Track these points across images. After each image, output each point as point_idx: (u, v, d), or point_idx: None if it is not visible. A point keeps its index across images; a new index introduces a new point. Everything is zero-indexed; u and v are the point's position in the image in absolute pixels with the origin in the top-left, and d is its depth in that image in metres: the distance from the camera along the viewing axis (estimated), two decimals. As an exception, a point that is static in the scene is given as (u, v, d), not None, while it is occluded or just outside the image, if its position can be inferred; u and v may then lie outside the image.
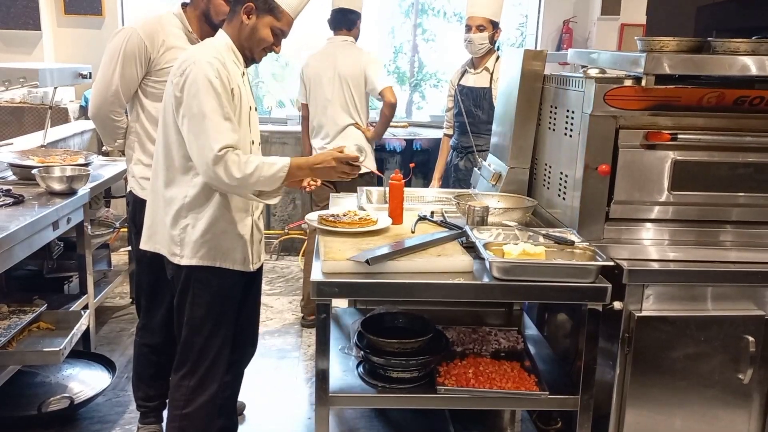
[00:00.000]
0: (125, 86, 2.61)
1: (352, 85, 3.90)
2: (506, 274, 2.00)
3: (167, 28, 2.61)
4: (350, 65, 3.89)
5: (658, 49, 2.24)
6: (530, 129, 2.77)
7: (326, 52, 3.98)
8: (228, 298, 2.33)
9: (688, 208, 2.32)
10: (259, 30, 2.18)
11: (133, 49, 2.56)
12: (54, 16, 5.65)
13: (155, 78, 2.61)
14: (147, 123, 2.65)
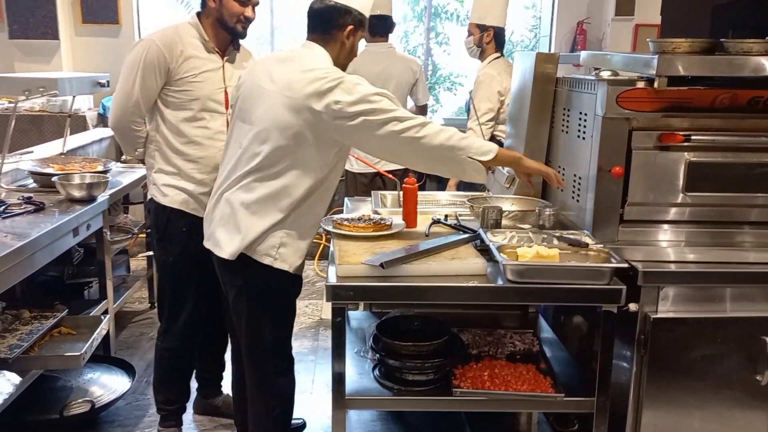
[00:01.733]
0: (145, 97, 2.64)
1: (405, 90, 4.09)
2: (520, 276, 2.01)
3: (185, 38, 2.65)
4: (405, 71, 4.07)
5: (671, 50, 2.24)
6: (543, 131, 2.78)
7: (374, 59, 4.02)
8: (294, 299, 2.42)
9: (703, 209, 2.31)
10: (356, 46, 2.34)
11: (153, 59, 2.59)
12: (72, 25, 5.74)
13: (174, 87, 2.64)
14: (167, 132, 2.68)
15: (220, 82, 2.68)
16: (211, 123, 2.67)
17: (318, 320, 4.19)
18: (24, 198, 3.04)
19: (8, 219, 2.77)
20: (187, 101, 2.64)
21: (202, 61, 2.65)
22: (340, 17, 2.22)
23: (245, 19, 2.64)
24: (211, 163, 2.67)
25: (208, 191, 2.65)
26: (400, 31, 7.23)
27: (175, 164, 2.69)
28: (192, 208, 2.70)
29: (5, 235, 2.59)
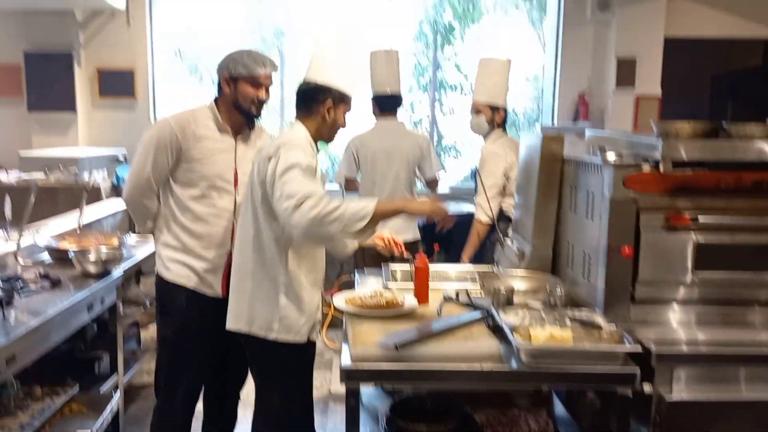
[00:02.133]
0: (157, 174, 2.73)
1: (412, 166, 4.19)
2: (534, 359, 2.02)
3: (199, 120, 2.76)
4: (412, 147, 4.18)
5: (674, 133, 2.32)
6: (551, 208, 2.84)
7: (382, 135, 4.19)
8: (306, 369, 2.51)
9: (713, 289, 2.34)
10: (338, 119, 2.49)
11: (165, 138, 2.69)
12: (89, 98, 5.93)
13: (186, 165, 2.73)
14: (175, 207, 2.77)
15: (231, 162, 2.77)
16: (218, 201, 2.75)
17: (327, 393, 4.15)
18: (40, 274, 3.08)
19: (25, 296, 2.80)
20: (196, 179, 2.72)
21: (214, 142, 2.75)
22: (320, 94, 2.44)
23: (259, 102, 2.75)
24: (215, 240, 2.75)
25: (211, 268, 2.76)
26: (406, 102, 7.43)
27: (181, 239, 2.76)
28: (194, 284, 2.75)
29: (22, 313, 2.62)
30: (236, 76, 2.71)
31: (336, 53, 2.49)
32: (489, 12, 7.44)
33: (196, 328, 2.77)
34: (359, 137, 4.28)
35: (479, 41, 7.63)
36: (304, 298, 2.41)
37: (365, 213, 2.19)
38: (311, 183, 2.24)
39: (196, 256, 2.75)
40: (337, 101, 2.46)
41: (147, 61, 5.90)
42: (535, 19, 7.23)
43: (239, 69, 2.70)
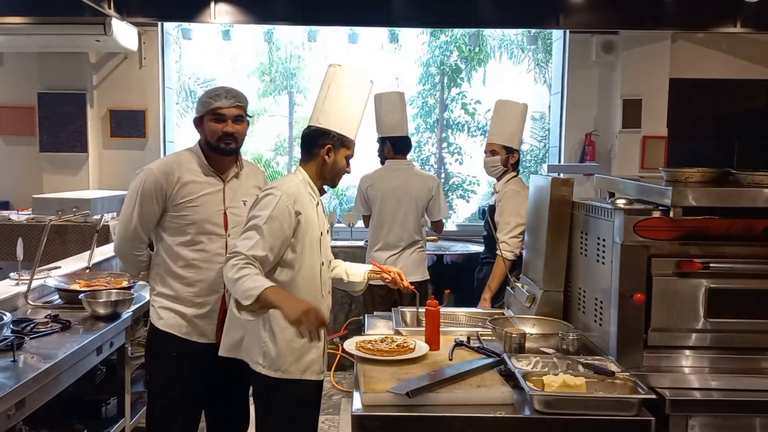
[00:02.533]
0: (144, 224, 2.72)
1: (420, 207, 4.22)
2: (548, 407, 2.01)
3: (184, 164, 2.74)
4: (421, 188, 4.22)
5: (683, 180, 2.34)
6: (562, 253, 2.84)
7: (392, 175, 4.25)
8: (307, 405, 2.52)
9: (726, 335, 2.33)
10: (338, 163, 2.54)
11: (150, 188, 2.68)
12: (100, 138, 6.00)
13: (173, 213, 2.71)
14: (165, 255, 2.74)
15: (220, 204, 2.74)
16: (208, 246, 2.71)
17: None
18: (51, 316, 3.09)
19: (35, 339, 2.80)
20: (184, 225, 2.69)
21: (200, 185, 2.72)
22: (320, 138, 2.51)
23: (226, 135, 2.70)
24: (207, 286, 2.71)
25: (205, 314, 2.72)
26: (414, 141, 7.50)
27: (173, 287, 2.73)
28: (185, 333, 2.72)
29: (32, 356, 2.62)
30: (201, 116, 2.73)
31: (337, 96, 2.54)
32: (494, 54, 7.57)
33: (187, 378, 2.73)
34: (369, 177, 4.32)
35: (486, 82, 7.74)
36: (285, 336, 2.40)
37: (251, 294, 2.28)
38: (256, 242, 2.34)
39: (188, 303, 2.71)
40: (337, 145, 2.51)
41: (158, 102, 5.99)
42: (540, 61, 7.34)
43: (200, 108, 2.73)
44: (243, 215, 2.65)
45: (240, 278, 2.30)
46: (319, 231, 2.54)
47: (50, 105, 5.80)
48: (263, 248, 2.35)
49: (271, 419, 2.49)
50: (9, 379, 2.38)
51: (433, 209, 4.29)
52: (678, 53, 5.98)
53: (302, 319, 2.29)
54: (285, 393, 2.45)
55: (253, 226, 2.38)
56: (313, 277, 2.52)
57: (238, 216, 2.73)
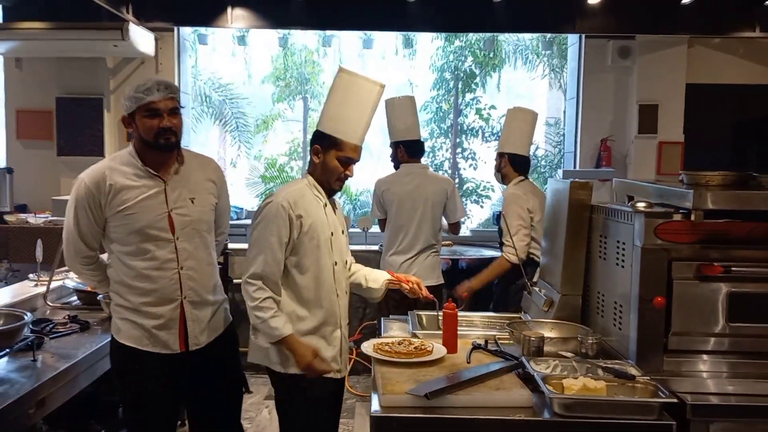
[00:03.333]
0: (83, 235, 2.54)
1: (436, 210, 4.21)
2: (568, 410, 2.00)
3: (117, 169, 2.53)
4: (437, 191, 4.21)
5: (704, 183, 2.32)
6: (580, 257, 2.82)
7: (407, 179, 4.25)
8: (323, 403, 2.54)
9: (747, 340, 2.31)
10: (329, 163, 2.53)
11: (82, 198, 2.51)
12: (117, 142, 6.03)
13: (113, 222, 2.52)
14: (117, 267, 2.56)
15: (162, 207, 2.52)
16: (157, 253, 2.51)
17: None
18: (70, 317, 3.11)
19: (55, 339, 2.82)
20: (126, 235, 2.51)
21: (138, 190, 2.50)
22: (314, 141, 2.58)
23: (163, 131, 2.48)
24: (166, 294, 2.53)
25: (164, 323, 2.54)
26: (428, 146, 7.49)
27: (128, 299, 2.54)
28: (145, 345, 2.54)
29: (52, 356, 2.65)
30: (132, 113, 2.50)
31: (335, 99, 2.56)
32: (509, 59, 7.56)
33: (157, 391, 2.58)
34: (384, 181, 4.32)
35: (500, 88, 7.74)
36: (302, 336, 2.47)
37: (275, 335, 2.41)
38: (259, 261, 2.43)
39: (145, 314, 2.52)
40: (326, 145, 2.53)
41: (175, 107, 6.01)
42: (555, 66, 7.33)
43: (129, 104, 2.49)
44: (192, 215, 2.56)
45: (264, 320, 2.41)
46: (329, 231, 2.55)
47: (68, 109, 5.85)
48: (268, 263, 2.43)
49: (292, 419, 2.51)
50: (29, 378, 2.41)
51: (450, 211, 4.29)
52: (695, 58, 5.94)
53: (309, 367, 2.44)
54: (303, 392, 2.48)
55: (254, 241, 2.47)
56: (324, 277, 2.53)
57: (185, 216, 2.56)
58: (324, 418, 2.56)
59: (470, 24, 5.82)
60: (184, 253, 2.55)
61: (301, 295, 2.51)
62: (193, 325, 2.59)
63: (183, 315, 2.56)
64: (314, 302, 2.52)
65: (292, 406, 2.50)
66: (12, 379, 2.39)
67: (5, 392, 2.25)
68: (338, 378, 2.60)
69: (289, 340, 2.42)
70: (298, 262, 2.50)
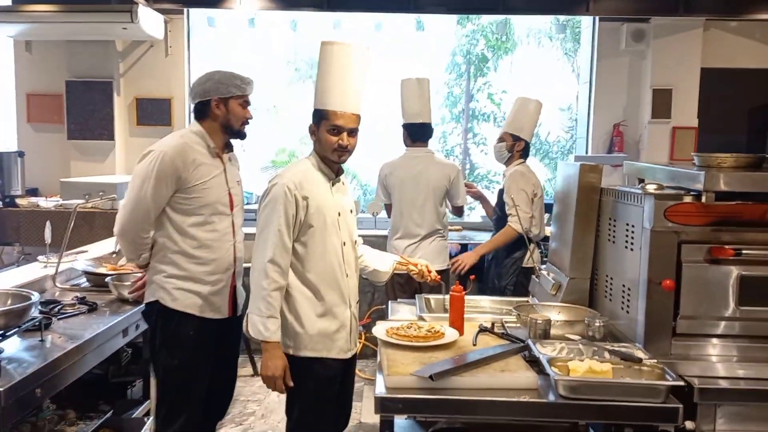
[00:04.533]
0: (156, 206, 2.67)
1: (439, 195, 4.15)
2: (573, 392, 1.98)
3: (192, 146, 2.71)
4: (440, 177, 4.14)
5: (716, 165, 2.28)
6: (589, 240, 2.80)
7: (410, 163, 4.19)
8: (332, 383, 2.55)
9: (757, 324, 2.27)
10: (322, 137, 2.52)
11: (165, 170, 2.63)
12: (126, 126, 6.05)
13: (185, 195, 2.68)
14: (177, 237, 2.71)
15: (225, 185, 2.77)
16: (219, 225, 2.74)
17: (357, 423, 4.11)
18: (78, 298, 3.12)
19: (63, 320, 2.83)
20: (197, 207, 2.69)
21: (209, 168, 2.73)
22: (312, 120, 2.56)
23: (247, 121, 2.80)
24: (223, 264, 2.75)
25: (219, 289, 2.76)
26: (439, 132, 7.43)
27: (187, 268, 2.71)
28: (201, 311, 2.72)
29: (59, 337, 2.66)
30: (228, 98, 2.73)
31: (320, 74, 2.54)
32: (522, 43, 7.47)
33: (205, 355, 2.76)
34: (388, 164, 4.28)
35: (512, 72, 7.65)
36: (310, 316, 2.49)
37: (265, 335, 2.39)
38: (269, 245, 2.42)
39: (203, 282, 2.72)
40: (316, 119, 2.53)
41: (184, 91, 6.01)
42: (568, 50, 7.24)
43: (232, 90, 2.73)
44: (239, 195, 2.84)
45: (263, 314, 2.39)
46: (336, 211, 2.54)
47: (78, 93, 5.86)
48: (277, 248, 2.43)
49: (300, 399, 2.52)
50: (37, 357, 2.41)
51: (452, 196, 4.23)
52: (710, 42, 5.85)
53: (265, 378, 2.45)
54: (312, 372, 2.49)
55: (263, 226, 2.47)
56: (332, 257, 2.52)
57: (237, 195, 2.84)
58: (331, 398, 2.56)
59: (482, 6, 5.75)
60: (237, 228, 2.82)
61: (310, 276, 2.50)
62: (239, 293, 2.88)
63: (233, 283, 2.80)
64: (323, 282, 2.52)
65: (300, 388, 2.50)
66: (19, 358, 2.39)
67: (12, 371, 2.25)
68: (348, 358, 2.59)
69: (274, 345, 2.42)
70: (306, 243, 2.49)
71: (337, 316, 2.53)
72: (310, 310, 2.49)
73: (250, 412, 4.22)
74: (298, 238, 2.49)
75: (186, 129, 2.82)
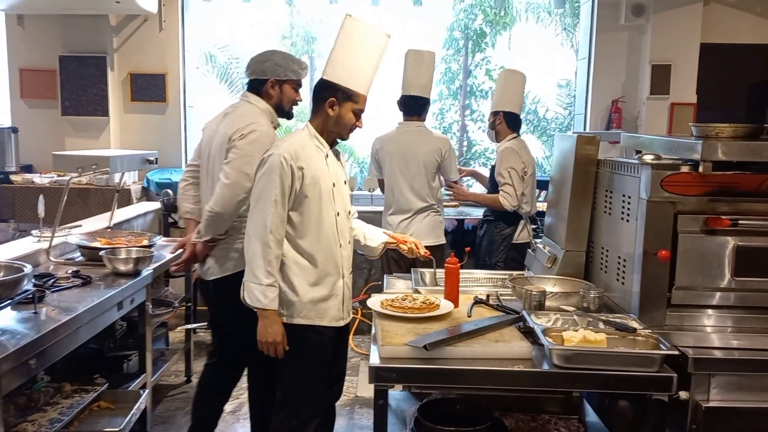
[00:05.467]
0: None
1: (429, 170, 4.08)
2: (567, 361, 1.97)
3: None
4: (430, 152, 4.07)
5: (714, 135, 2.26)
6: (585, 212, 2.78)
7: (401, 137, 4.14)
8: (324, 350, 2.56)
9: (752, 294, 2.27)
10: (344, 116, 2.51)
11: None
12: (121, 103, 5.99)
13: None
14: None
15: None
16: None
17: (354, 397, 4.13)
18: (72, 272, 3.11)
19: (56, 293, 2.82)
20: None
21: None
22: (324, 91, 2.51)
23: (296, 103, 2.99)
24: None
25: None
26: (436, 108, 7.38)
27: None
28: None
29: (53, 309, 2.64)
30: (284, 81, 2.89)
31: (347, 49, 2.50)
32: (521, 18, 7.39)
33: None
34: (380, 138, 4.22)
35: (511, 48, 7.58)
36: (303, 285, 2.50)
37: (264, 303, 2.40)
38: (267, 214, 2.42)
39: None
40: (341, 98, 2.49)
41: (178, 66, 5.95)
42: (568, 25, 7.16)
43: (289, 74, 2.89)
44: None
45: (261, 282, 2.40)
46: (330, 182, 2.53)
47: (71, 68, 5.80)
48: (273, 219, 2.43)
49: (290, 363, 2.53)
50: (30, 329, 2.40)
51: (444, 171, 4.15)
52: (710, 17, 5.79)
53: (264, 344, 2.47)
54: (304, 339, 2.51)
55: (258, 195, 2.46)
56: (326, 228, 2.52)
57: None
58: (323, 366, 2.58)
59: (479, -20, 5.68)
60: None
61: (304, 245, 2.51)
62: None
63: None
64: (317, 252, 2.52)
65: (293, 354, 2.51)
66: (13, 330, 2.38)
67: (6, 342, 2.24)
68: (340, 326, 2.61)
69: (273, 313, 2.45)
70: (301, 213, 2.50)
71: (331, 285, 2.54)
72: (304, 279, 2.50)
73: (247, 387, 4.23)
74: (293, 208, 2.49)
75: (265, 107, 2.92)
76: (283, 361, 2.54)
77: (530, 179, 4.00)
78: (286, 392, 2.58)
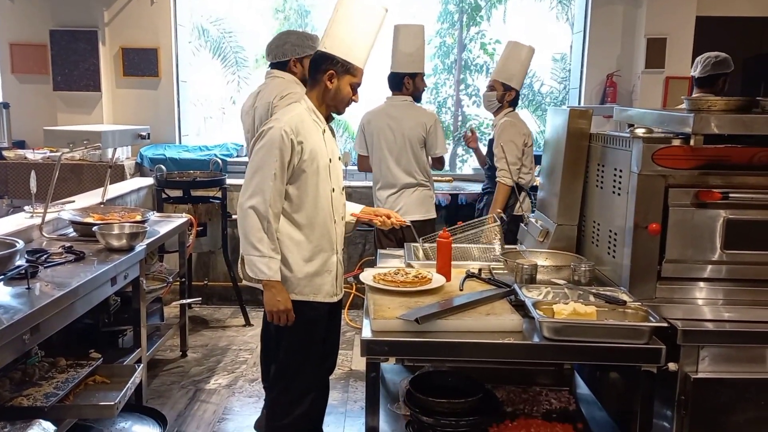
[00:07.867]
0: None
1: (415, 145, 4.02)
2: (557, 334, 1.99)
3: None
4: (415, 126, 4.01)
5: (706, 108, 2.26)
6: (577, 186, 2.79)
7: (387, 111, 4.09)
8: (318, 325, 2.59)
9: (742, 267, 2.28)
10: (342, 89, 2.50)
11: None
12: (113, 77, 5.95)
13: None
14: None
15: None
16: None
17: (348, 371, 4.16)
18: (65, 247, 3.10)
19: (50, 268, 2.82)
20: None
21: None
22: (324, 63, 2.49)
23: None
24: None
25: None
26: (430, 83, 7.34)
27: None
28: None
29: (47, 285, 2.65)
30: (303, 57, 3.22)
31: (345, 22, 2.48)
32: (516, -10, 7.33)
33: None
34: (369, 113, 4.16)
35: (506, 21, 7.52)
36: (298, 261, 2.52)
37: (268, 274, 2.42)
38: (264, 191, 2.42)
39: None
40: (341, 71, 2.47)
41: (171, 40, 5.90)
42: (563, -2, 7.12)
43: (306, 50, 3.20)
44: None
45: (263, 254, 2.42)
46: (327, 158, 2.53)
47: (62, 43, 5.75)
48: (272, 192, 2.43)
49: (286, 339, 2.57)
50: (24, 305, 2.40)
51: (429, 146, 4.07)
52: (706, -11, 5.75)
53: (276, 313, 2.49)
54: (300, 314, 2.53)
55: (256, 167, 2.45)
56: (322, 203, 2.53)
57: None
58: (317, 341, 2.61)
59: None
60: None
61: (299, 220, 2.52)
62: None
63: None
64: (312, 228, 2.53)
65: (289, 330, 2.54)
66: (6, 305, 2.38)
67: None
68: (334, 302, 2.63)
69: (277, 283, 2.47)
70: (297, 188, 2.50)
71: (325, 261, 2.56)
72: (299, 255, 2.51)
73: (242, 361, 4.27)
74: (290, 182, 2.49)
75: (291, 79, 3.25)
76: (277, 336, 2.57)
77: (529, 151, 4.03)
78: (281, 367, 2.61)
